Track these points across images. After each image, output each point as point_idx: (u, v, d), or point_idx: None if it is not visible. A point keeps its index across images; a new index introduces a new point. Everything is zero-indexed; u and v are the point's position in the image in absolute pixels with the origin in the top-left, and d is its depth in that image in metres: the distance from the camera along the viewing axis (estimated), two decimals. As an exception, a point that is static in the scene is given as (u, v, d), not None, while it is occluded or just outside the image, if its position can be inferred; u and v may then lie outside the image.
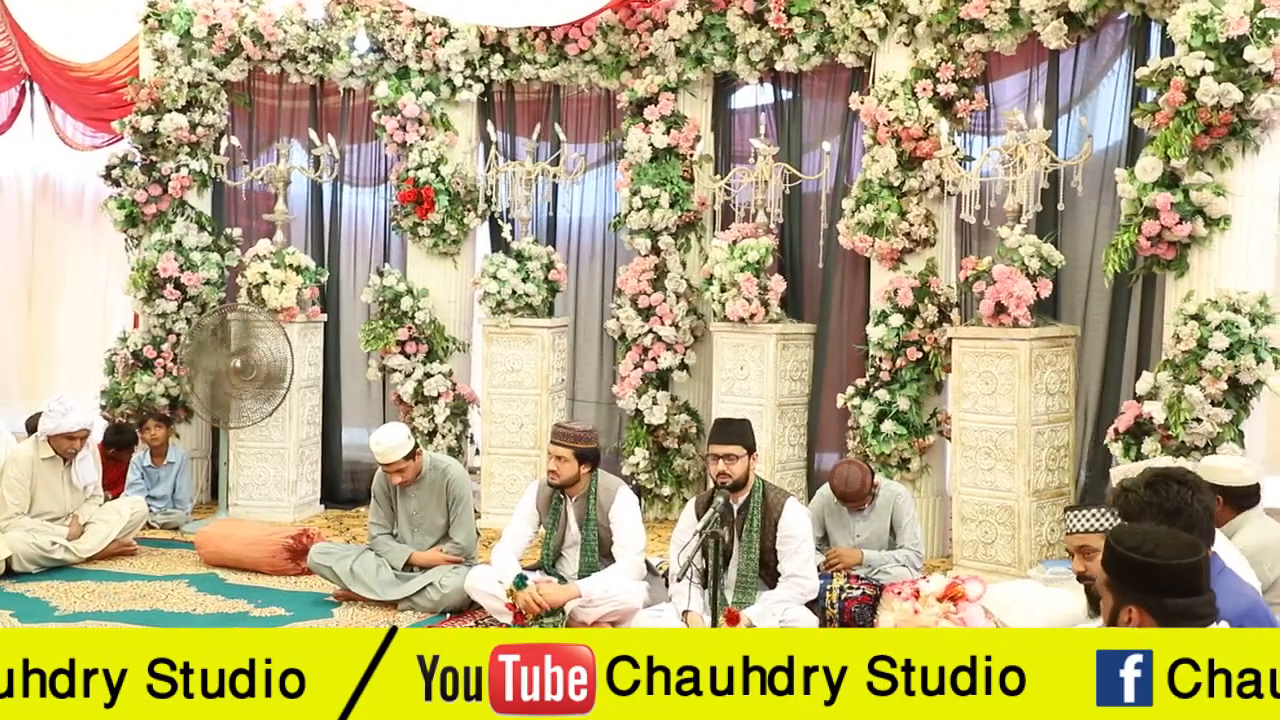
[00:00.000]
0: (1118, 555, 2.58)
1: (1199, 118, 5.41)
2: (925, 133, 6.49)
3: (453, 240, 7.93)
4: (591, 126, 8.05)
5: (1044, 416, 5.99)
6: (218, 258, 8.04)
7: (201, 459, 8.17)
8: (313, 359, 7.81)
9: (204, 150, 8.12)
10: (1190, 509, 3.14)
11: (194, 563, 6.45)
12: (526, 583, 5.16)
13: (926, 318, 6.54)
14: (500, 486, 7.50)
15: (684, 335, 7.53)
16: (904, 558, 5.48)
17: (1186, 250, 5.63)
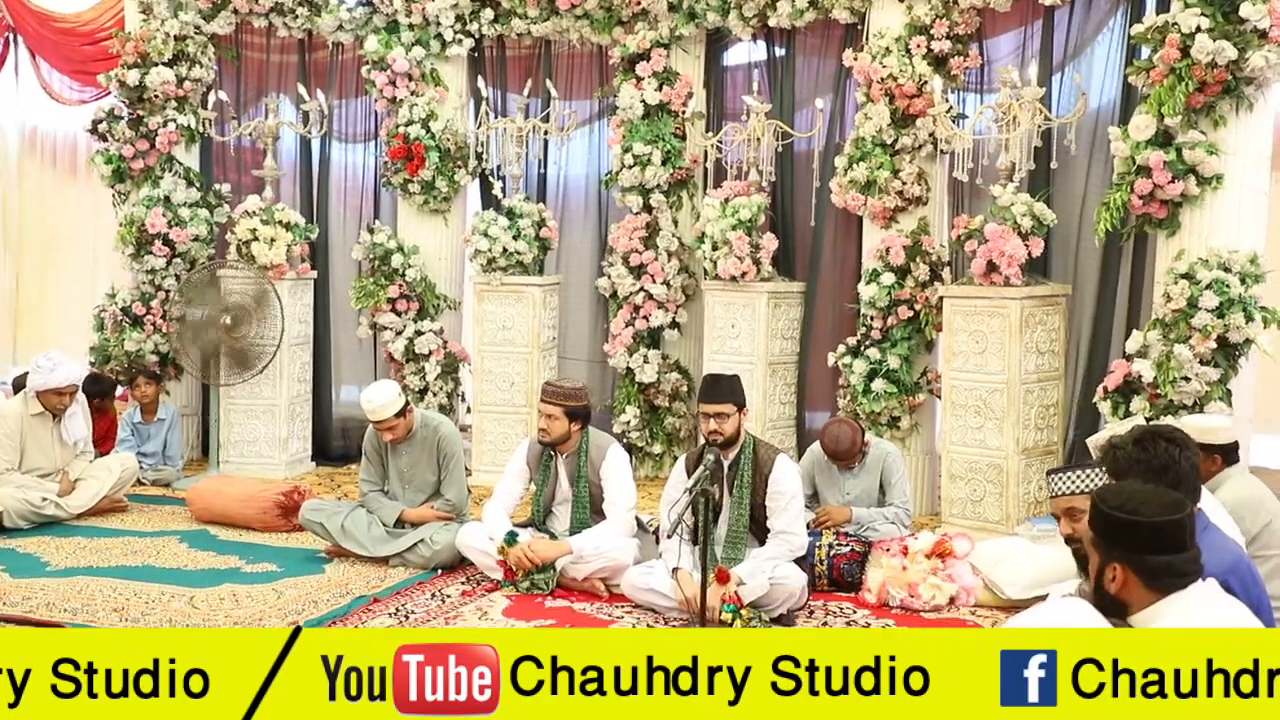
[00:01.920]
0: (1103, 513, 2.60)
1: (1193, 75, 5.39)
2: (919, 90, 6.45)
3: (443, 197, 7.89)
4: (583, 83, 7.98)
5: (1034, 375, 6.01)
6: (206, 214, 7.99)
7: (192, 416, 8.17)
8: (303, 316, 7.80)
9: (191, 105, 8.05)
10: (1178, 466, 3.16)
11: (185, 519, 6.46)
12: (517, 539, 5.20)
13: (918, 276, 6.54)
14: (491, 444, 7.52)
15: (675, 293, 7.52)
16: (893, 515, 5.52)
17: (1178, 209, 5.63)
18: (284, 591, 5.20)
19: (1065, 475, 3.43)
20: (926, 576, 5.07)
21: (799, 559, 4.97)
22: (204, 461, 7.89)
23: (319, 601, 5.05)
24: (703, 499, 4.24)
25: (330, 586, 5.29)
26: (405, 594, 5.19)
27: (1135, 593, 2.55)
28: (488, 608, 5.02)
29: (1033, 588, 4.93)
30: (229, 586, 5.26)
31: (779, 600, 4.80)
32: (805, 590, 4.94)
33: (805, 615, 4.95)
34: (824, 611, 5.02)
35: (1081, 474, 3.41)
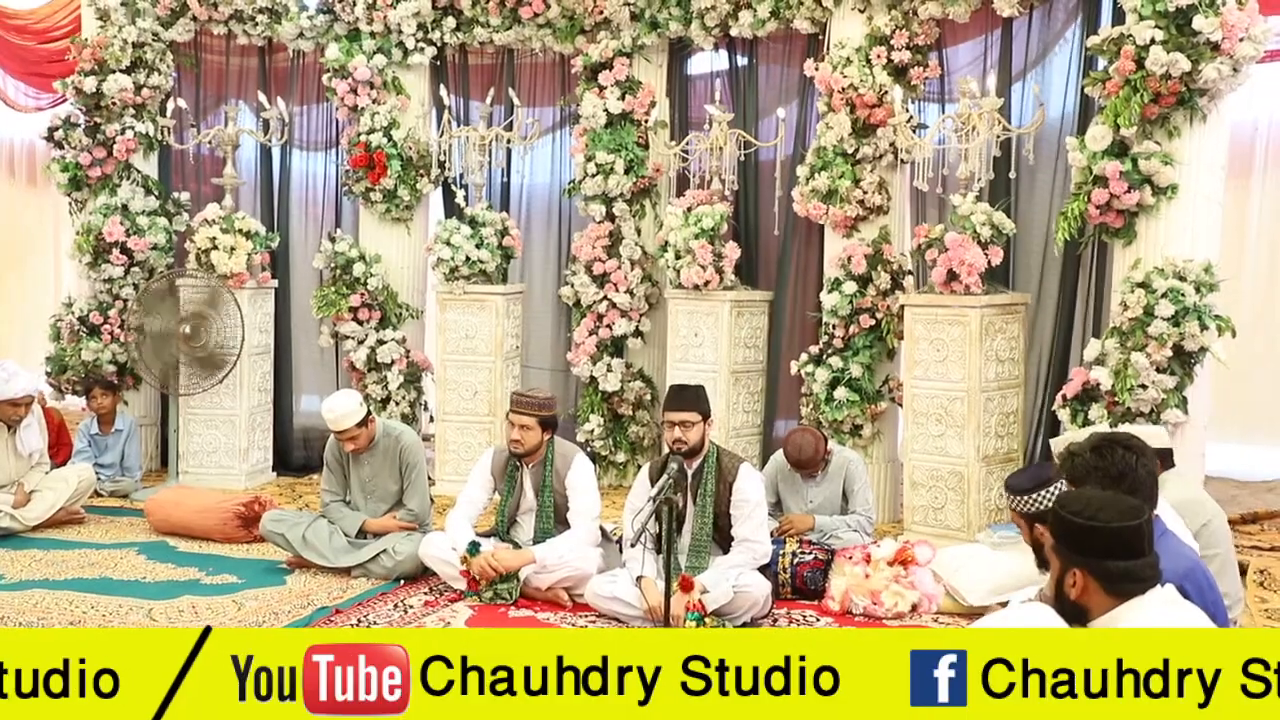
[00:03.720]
0: (1062, 520, 2.62)
1: (1148, 87, 5.46)
2: (879, 100, 6.50)
3: (405, 206, 7.86)
4: (546, 91, 7.99)
5: (994, 383, 6.06)
6: (165, 222, 7.91)
7: (151, 426, 8.08)
8: (264, 325, 7.73)
9: (150, 112, 7.97)
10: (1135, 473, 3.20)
11: (143, 530, 6.39)
12: (480, 549, 5.17)
13: (879, 285, 6.58)
14: (454, 453, 7.49)
15: (638, 302, 7.53)
16: (855, 523, 5.54)
17: (1135, 219, 5.70)
18: (244, 603, 5.15)
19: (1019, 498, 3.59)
20: (889, 584, 5.09)
21: (763, 567, 4.98)
22: (163, 472, 7.80)
23: (280, 613, 5.00)
24: (666, 507, 4.24)
25: (292, 598, 5.24)
26: (368, 605, 5.15)
27: (1095, 598, 2.57)
28: (450, 618, 4.99)
29: (994, 594, 4.97)
30: (188, 599, 5.20)
31: (743, 608, 4.81)
32: (769, 598, 4.95)
33: (769, 623, 4.96)
34: (787, 619, 5.03)
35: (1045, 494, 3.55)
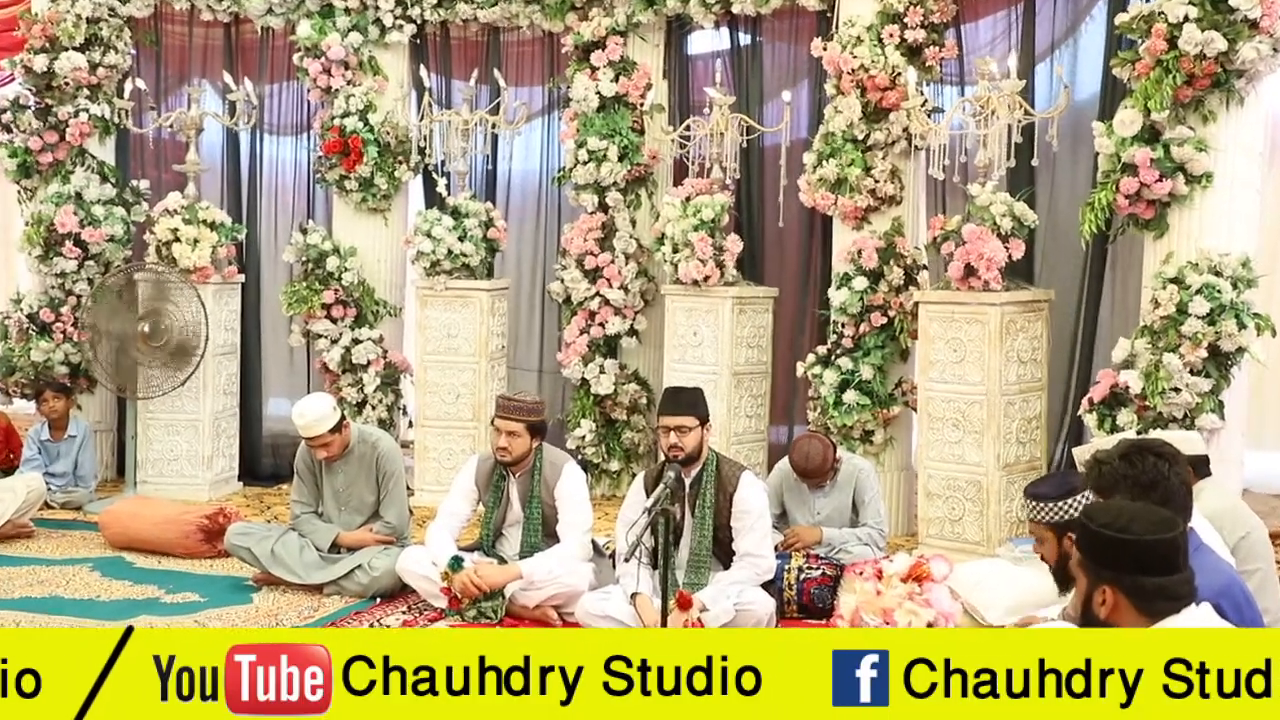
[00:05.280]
0: (1090, 533, 2.61)
1: (1181, 68, 5.47)
2: (892, 82, 6.50)
3: (383, 195, 7.85)
4: (534, 72, 8.00)
5: (1015, 386, 6.07)
6: (123, 212, 7.90)
7: (106, 432, 8.07)
8: (230, 323, 7.74)
9: (106, 93, 7.96)
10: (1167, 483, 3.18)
11: (98, 545, 6.38)
12: (463, 564, 5.17)
13: (892, 281, 6.59)
14: (435, 461, 7.49)
15: (633, 299, 7.53)
16: (866, 536, 5.54)
17: (1166, 209, 5.71)
18: (207, 623, 5.14)
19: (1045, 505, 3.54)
20: (902, 601, 5.07)
21: (766, 583, 4.98)
22: (119, 482, 7.80)
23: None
24: (663, 519, 4.24)
25: (259, 617, 5.24)
26: (341, 624, 5.14)
27: (1126, 617, 2.56)
28: (431, 639, 4.99)
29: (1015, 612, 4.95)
30: (146, 619, 5.19)
31: (745, 628, 4.81)
32: (773, 616, 4.95)
33: (773, 644, 4.95)
34: (793, 640, 5.03)
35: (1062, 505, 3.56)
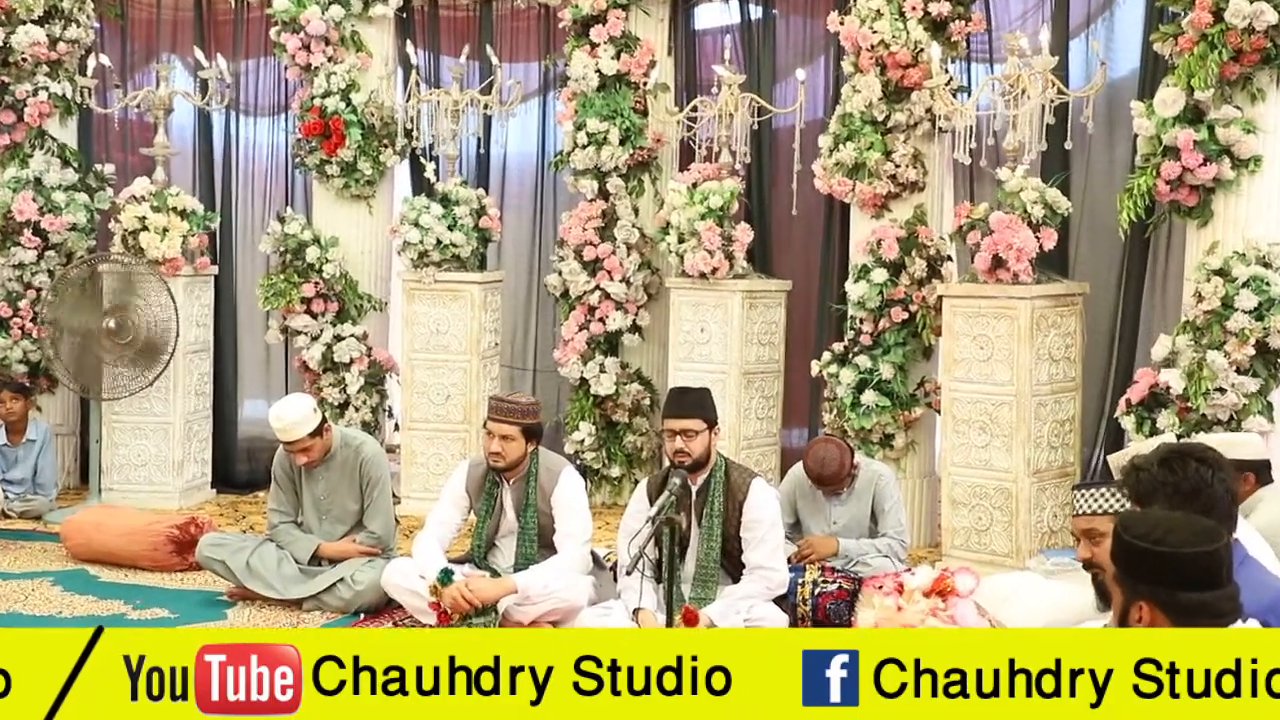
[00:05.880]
0: (1126, 544, 2.60)
1: (1227, 42, 5.45)
2: (914, 59, 6.49)
3: (367, 181, 7.85)
4: (529, 48, 8.04)
5: (1046, 386, 6.05)
6: (86, 199, 7.89)
7: (68, 436, 8.08)
8: (201, 319, 7.75)
9: (67, 71, 7.96)
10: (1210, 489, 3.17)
11: (60, 557, 6.38)
12: (453, 577, 5.15)
13: (914, 273, 6.58)
14: (423, 467, 7.49)
15: (636, 293, 7.53)
16: (886, 547, 5.53)
17: (1211, 195, 5.70)
18: (177, 641, 5.14)
19: (1088, 492, 3.49)
20: (925, 618, 5.04)
21: (779, 598, 4.97)
22: (83, 489, 7.80)
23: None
24: (667, 530, 4.23)
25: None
26: (320, 643, 5.14)
27: (1164, 635, 2.55)
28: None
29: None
30: (112, 636, 5.19)
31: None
32: (787, 635, 4.94)
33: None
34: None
35: (1107, 492, 3.46)
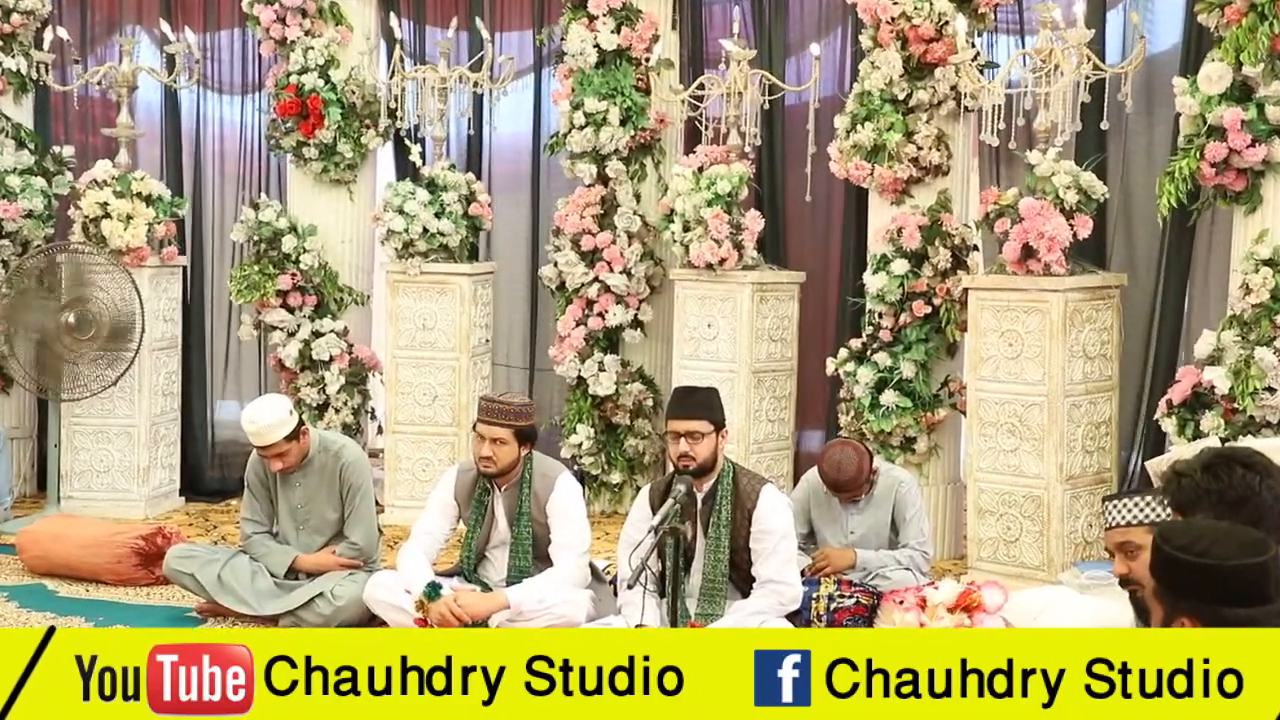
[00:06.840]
0: (1166, 556, 2.61)
1: (1278, 14, 5.46)
2: (938, 32, 6.50)
3: (347, 164, 7.87)
4: (522, 21, 8.04)
5: (1080, 386, 6.07)
6: (43, 183, 7.90)
7: (25, 439, 8.09)
8: (169, 314, 7.75)
9: (22, 45, 7.96)
10: (1258, 498, 3.17)
11: (15, 570, 6.41)
12: (441, 592, 5.17)
13: (937, 264, 6.59)
14: (408, 473, 7.51)
15: (637, 285, 7.54)
16: (907, 559, 5.55)
17: (1259, 179, 5.72)
18: (144, 660, 5.18)
19: (1122, 503, 3.50)
20: (950, 636, 5.11)
21: (792, 614, 4.97)
22: (40, 497, 7.82)
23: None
24: (672, 540, 4.24)
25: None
26: (298, 662, 5.17)
27: (1208, 654, 2.57)
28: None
29: (1081, 649, 4.98)
30: (73, 654, 5.23)
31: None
32: (800, 654, 4.96)
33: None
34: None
35: (1141, 502, 3.46)
